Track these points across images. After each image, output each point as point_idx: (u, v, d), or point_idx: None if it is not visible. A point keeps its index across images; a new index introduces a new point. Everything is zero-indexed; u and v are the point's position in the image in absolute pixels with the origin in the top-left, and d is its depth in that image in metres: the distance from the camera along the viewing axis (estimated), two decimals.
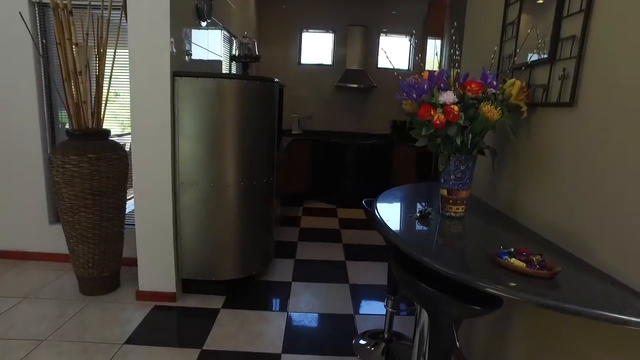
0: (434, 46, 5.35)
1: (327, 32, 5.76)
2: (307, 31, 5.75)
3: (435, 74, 1.59)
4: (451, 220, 1.62)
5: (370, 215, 2.04)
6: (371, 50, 5.75)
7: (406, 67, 5.89)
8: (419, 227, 1.59)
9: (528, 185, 1.64)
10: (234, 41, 4.21)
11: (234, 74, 4.05)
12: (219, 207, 2.58)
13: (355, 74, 5.55)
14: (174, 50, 2.40)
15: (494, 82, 1.55)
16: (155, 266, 2.57)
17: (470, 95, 1.52)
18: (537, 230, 1.51)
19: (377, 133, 5.91)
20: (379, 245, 3.89)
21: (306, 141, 5.37)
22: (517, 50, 1.75)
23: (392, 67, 5.84)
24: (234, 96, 2.49)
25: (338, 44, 5.72)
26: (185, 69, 2.58)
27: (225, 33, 3.89)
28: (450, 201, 1.62)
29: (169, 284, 2.60)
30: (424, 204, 1.99)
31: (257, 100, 2.62)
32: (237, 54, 3.73)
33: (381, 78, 5.78)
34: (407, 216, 1.76)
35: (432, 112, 1.51)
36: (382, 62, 5.85)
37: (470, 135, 1.53)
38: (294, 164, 5.17)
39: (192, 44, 2.80)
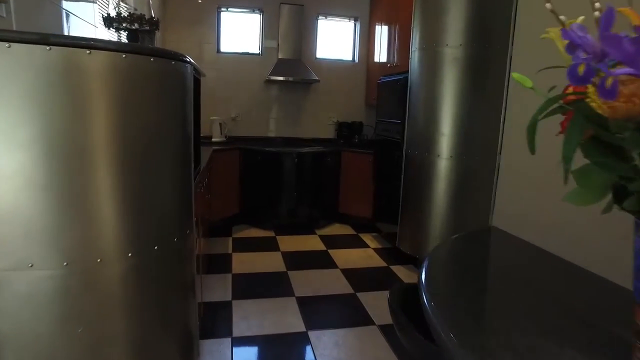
0: (380, 33, 4.44)
1: (253, 11, 4.58)
2: (226, 10, 4.51)
3: None
4: None
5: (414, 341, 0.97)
6: (309, 36, 4.68)
7: (350, 58, 4.91)
8: None
9: None
10: None
11: (101, 40, 2.70)
12: (85, 305, 1.33)
13: (291, 65, 4.44)
14: None
15: None
16: None
17: None
18: None
19: (321, 137, 4.86)
20: (347, 294, 2.85)
21: (232, 151, 4.14)
22: None
23: (334, 57, 4.83)
24: (105, 83, 1.25)
25: (268, 27, 4.56)
26: None
27: None
28: None
29: None
30: None
31: (155, 93, 1.40)
32: (115, 16, 2.30)
33: (322, 70, 4.74)
34: None
35: None
36: (323, 51, 4.81)
37: None
38: (217, 181, 3.93)
39: None
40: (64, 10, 1.95)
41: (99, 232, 1.30)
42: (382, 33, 4.45)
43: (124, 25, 2.17)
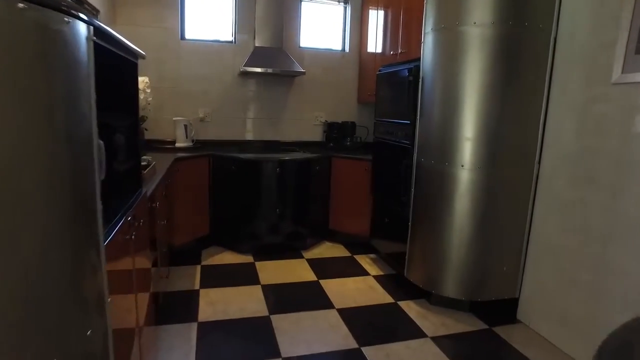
0: (375, 19, 3.78)
1: None
2: None
3: None
4: None
5: None
6: (292, 21, 3.96)
7: (339, 47, 4.22)
8: None
9: None
10: None
11: None
12: None
13: (270, 55, 3.71)
14: None
15: None
16: None
17: None
18: None
19: (306, 140, 4.16)
20: (350, 349, 2.15)
21: (199, 159, 3.40)
22: None
23: (321, 46, 4.13)
24: None
25: (242, 10, 3.83)
26: None
27: None
28: None
29: None
30: None
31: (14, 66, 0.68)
32: None
33: (307, 61, 4.03)
34: None
35: None
36: (308, 39, 4.10)
37: None
38: (181, 197, 3.19)
39: None
40: None
41: None
42: (378, 18, 3.77)
43: None
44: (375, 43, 3.81)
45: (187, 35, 3.77)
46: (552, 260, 2.31)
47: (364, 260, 3.49)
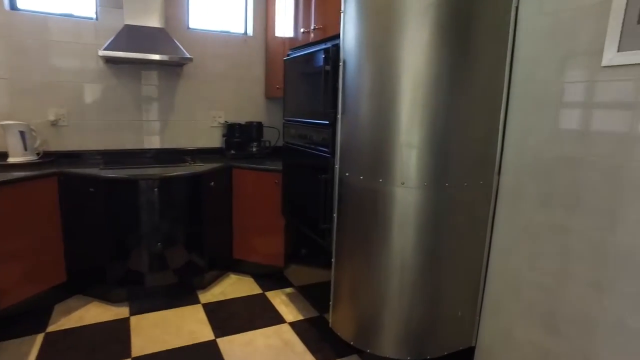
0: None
1: None
2: None
3: None
4: None
5: None
6: None
7: (241, 30, 3.41)
8: None
9: None
10: None
11: None
12: None
13: (145, 36, 2.80)
14: None
15: None
16: None
17: None
18: None
19: (200, 147, 3.30)
20: None
21: (47, 180, 2.40)
22: None
23: (217, 29, 3.28)
24: None
25: None
26: None
27: None
28: None
29: None
30: None
31: None
32: None
33: (199, 47, 3.17)
34: None
35: None
36: (199, 19, 3.24)
37: None
38: (14, 232, 2.19)
39: None
40: None
41: None
42: None
43: None
44: (285, 23, 3.06)
45: (21, 5, 2.71)
46: (519, 302, 1.74)
47: (279, 298, 2.74)
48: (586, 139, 1.45)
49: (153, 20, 2.84)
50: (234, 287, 2.89)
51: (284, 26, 3.05)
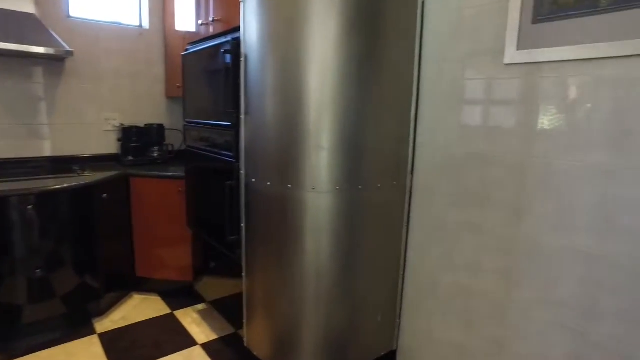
0: None
1: None
2: None
3: None
4: None
5: None
6: None
7: (136, 22, 3.06)
8: None
9: None
10: None
11: None
12: None
13: (11, 21, 2.37)
14: None
15: None
16: None
17: None
18: None
19: (94, 155, 2.90)
20: None
21: None
22: None
23: (106, 20, 2.90)
24: None
25: None
26: None
27: None
28: None
29: None
30: None
31: None
32: None
33: (84, 39, 2.78)
34: None
35: None
36: (82, 7, 2.84)
37: None
38: None
39: None
40: None
41: None
42: None
43: None
44: (184, 15, 2.80)
45: None
46: (437, 301, 1.72)
47: (190, 317, 2.49)
48: (491, 136, 1.45)
49: (21, 3, 2.42)
50: (138, 309, 2.58)
51: (184, 18, 2.79)
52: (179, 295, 2.70)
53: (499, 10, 1.38)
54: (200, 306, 2.63)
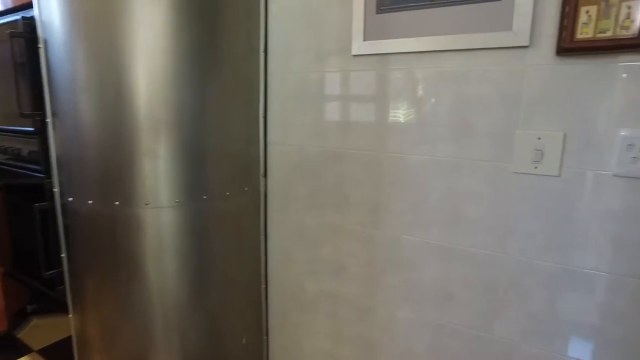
0: None
1: None
2: None
3: None
4: None
5: None
6: None
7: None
8: None
9: None
10: None
11: None
12: None
13: None
14: None
15: None
16: None
17: None
18: None
19: None
20: None
21: None
22: None
23: None
24: None
25: None
26: None
27: None
28: None
29: None
30: None
31: None
32: None
33: None
34: None
35: None
36: None
37: None
38: None
39: None
40: None
41: None
42: None
43: None
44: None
45: None
46: (305, 312, 1.60)
47: None
48: (346, 132, 1.37)
49: None
50: None
51: None
52: None
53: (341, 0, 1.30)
54: (24, 358, 2.10)
